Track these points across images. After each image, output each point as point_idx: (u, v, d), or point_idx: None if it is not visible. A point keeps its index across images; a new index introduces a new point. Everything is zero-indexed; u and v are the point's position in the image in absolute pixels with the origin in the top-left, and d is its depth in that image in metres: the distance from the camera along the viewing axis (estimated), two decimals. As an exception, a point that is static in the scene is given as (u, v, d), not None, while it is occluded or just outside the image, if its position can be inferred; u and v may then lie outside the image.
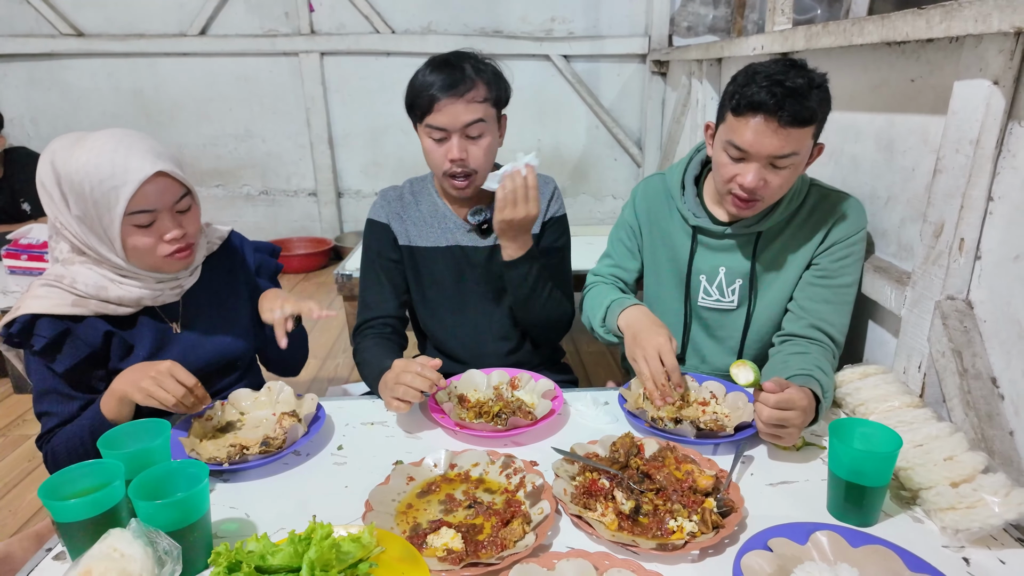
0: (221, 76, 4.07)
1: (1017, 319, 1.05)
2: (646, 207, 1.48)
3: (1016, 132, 1.04)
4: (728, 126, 1.20)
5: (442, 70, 1.31)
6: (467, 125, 1.32)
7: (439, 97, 1.30)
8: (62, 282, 1.16)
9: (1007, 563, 0.85)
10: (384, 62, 4.01)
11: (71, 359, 1.15)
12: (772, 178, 1.19)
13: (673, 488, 0.96)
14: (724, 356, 1.46)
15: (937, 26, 1.09)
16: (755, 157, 1.17)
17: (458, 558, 0.84)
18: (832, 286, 1.32)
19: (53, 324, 1.14)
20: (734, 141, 1.18)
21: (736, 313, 1.42)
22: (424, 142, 1.37)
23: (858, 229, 1.31)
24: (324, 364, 2.97)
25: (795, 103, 1.11)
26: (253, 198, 4.33)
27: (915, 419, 1.04)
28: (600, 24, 3.94)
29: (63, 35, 3.91)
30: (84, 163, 1.08)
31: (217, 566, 0.73)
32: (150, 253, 1.16)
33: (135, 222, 1.12)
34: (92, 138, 1.11)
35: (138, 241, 1.14)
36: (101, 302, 1.18)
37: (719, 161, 1.24)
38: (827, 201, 1.33)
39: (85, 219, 1.12)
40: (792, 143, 1.15)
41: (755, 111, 1.13)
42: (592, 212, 4.30)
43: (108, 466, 0.86)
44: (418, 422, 1.23)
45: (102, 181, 1.08)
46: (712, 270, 1.41)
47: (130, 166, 1.09)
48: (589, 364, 2.96)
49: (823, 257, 1.32)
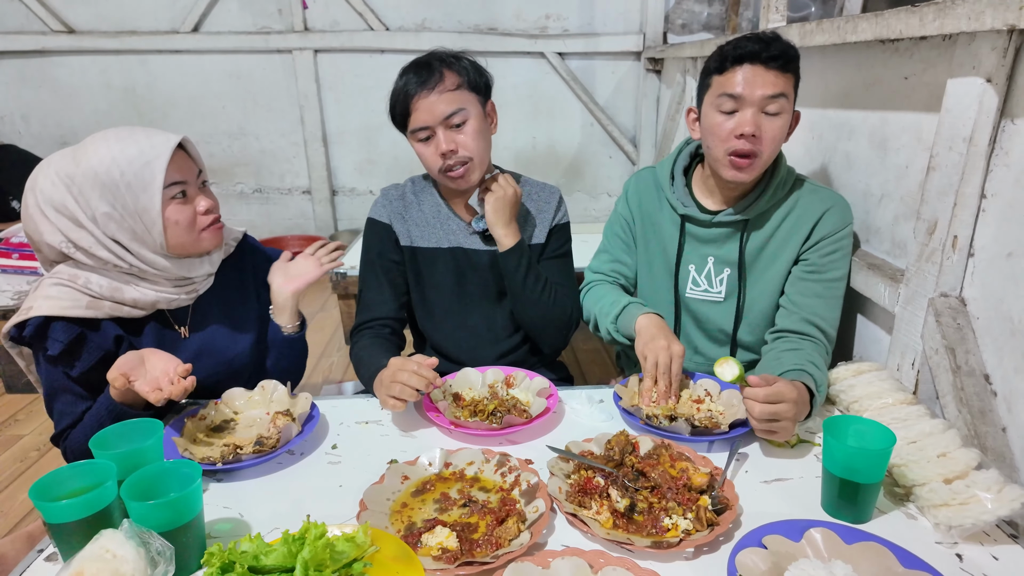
0: (214, 73, 4.04)
1: (1010, 316, 1.05)
2: (638, 200, 1.51)
3: (1009, 130, 1.04)
4: (715, 86, 1.27)
5: (412, 72, 1.33)
6: (447, 116, 1.32)
7: (412, 95, 1.31)
8: (76, 282, 1.14)
9: (1000, 559, 0.85)
10: (378, 59, 4.00)
11: (86, 363, 1.14)
12: (766, 125, 1.24)
13: (668, 486, 0.96)
14: (716, 348, 1.48)
15: (931, 24, 1.09)
16: (748, 102, 1.23)
17: (453, 557, 0.83)
18: (822, 280, 1.34)
19: (68, 328, 1.12)
20: (726, 91, 1.24)
21: (725, 305, 1.44)
22: (415, 148, 1.37)
23: (845, 224, 1.35)
24: (318, 363, 2.96)
25: (776, 45, 1.21)
26: (247, 196, 4.31)
27: (909, 416, 1.05)
28: (595, 21, 3.93)
29: (54, 32, 3.88)
30: (106, 152, 1.09)
31: (210, 566, 0.73)
32: (190, 227, 1.17)
33: (172, 194, 1.14)
34: (99, 136, 1.12)
35: (179, 214, 1.15)
36: (116, 304, 1.17)
37: (712, 124, 1.28)
38: (813, 196, 1.37)
39: (115, 213, 1.11)
40: (780, 84, 1.22)
41: (741, 61, 1.23)
42: (587, 210, 4.29)
43: (100, 466, 0.86)
44: (413, 421, 1.23)
45: (132, 161, 1.09)
46: (701, 260, 1.43)
47: (155, 141, 1.12)
48: (584, 362, 2.97)
49: (812, 252, 1.35)
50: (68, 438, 1.18)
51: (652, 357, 1.22)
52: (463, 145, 1.34)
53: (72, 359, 1.14)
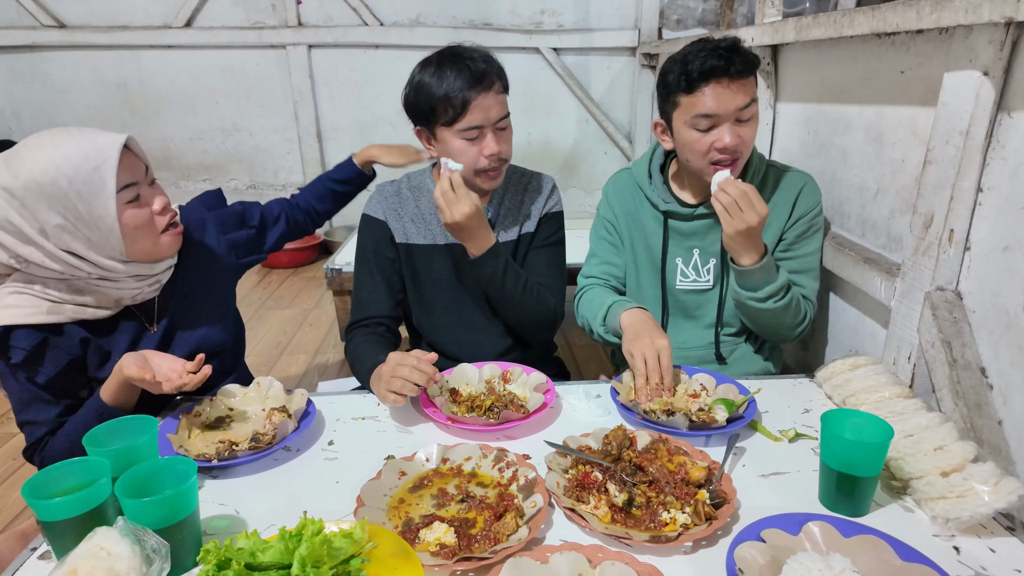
0: (207, 69, 4.02)
1: (1005, 309, 1.05)
2: (618, 200, 1.52)
3: (1006, 123, 1.05)
4: (685, 106, 1.28)
5: (456, 69, 1.28)
6: (499, 119, 1.33)
7: (471, 96, 1.28)
8: (33, 288, 1.10)
9: (997, 551, 0.85)
10: (372, 55, 3.98)
11: (52, 369, 1.11)
12: (744, 132, 1.28)
13: (666, 480, 0.96)
14: (701, 332, 1.50)
15: (927, 17, 1.09)
16: (724, 117, 1.25)
17: (451, 552, 0.83)
18: (798, 256, 1.42)
19: (30, 335, 1.09)
20: (700, 112, 1.26)
21: (712, 292, 1.47)
22: (454, 145, 1.33)
23: (817, 202, 1.42)
24: (314, 359, 2.95)
25: (737, 55, 1.22)
26: (241, 192, 4.29)
27: (905, 409, 1.05)
28: (590, 17, 3.93)
29: (45, 27, 3.85)
30: (47, 160, 1.01)
31: (206, 563, 0.72)
32: (149, 230, 1.13)
33: (126, 198, 1.09)
34: (34, 140, 1.05)
35: (136, 218, 1.10)
36: (78, 307, 1.13)
37: (688, 140, 1.30)
38: (786, 179, 1.42)
39: (67, 224, 1.05)
40: (749, 91, 1.25)
41: (707, 79, 1.23)
42: (583, 206, 4.29)
43: (94, 464, 0.85)
44: (410, 416, 1.22)
45: (78, 168, 1.02)
46: (686, 252, 1.46)
47: (100, 143, 1.05)
48: (581, 359, 2.97)
49: (790, 231, 1.41)
50: (46, 446, 1.15)
51: (639, 355, 1.22)
52: (505, 149, 1.36)
53: (37, 366, 1.10)
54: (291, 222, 1.59)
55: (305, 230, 1.65)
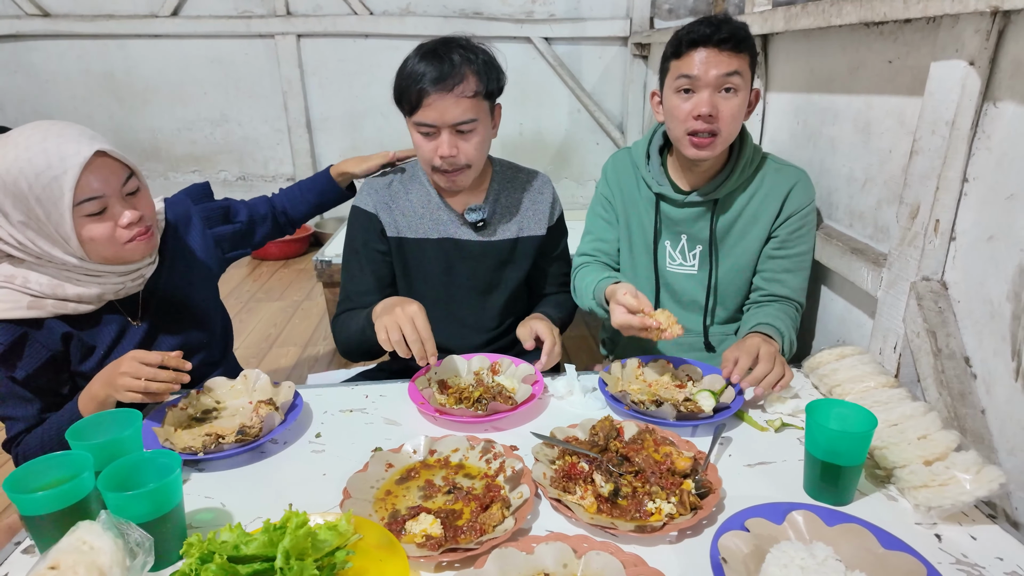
0: (195, 59, 3.97)
1: (990, 299, 1.06)
2: (616, 179, 1.54)
3: (991, 113, 1.05)
4: (673, 70, 1.30)
5: (430, 60, 1.26)
6: (457, 123, 1.28)
7: (427, 92, 1.25)
8: (13, 282, 1.08)
9: (978, 539, 0.86)
10: (362, 44, 3.93)
11: (31, 365, 1.10)
12: (723, 105, 1.27)
13: (652, 470, 0.97)
14: (691, 315, 1.51)
15: (915, 6, 1.08)
16: (703, 82, 1.26)
17: (437, 544, 0.83)
18: (790, 255, 1.42)
19: (8, 329, 1.08)
20: (682, 73, 1.27)
21: (698, 277, 1.48)
22: (413, 136, 1.33)
23: (810, 200, 1.41)
24: (305, 351, 2.94)
25: (726, 27, 1.24)
26: (230, 183, 4.25)
27: (890, 399, 1.06)
28: (581, 6, 3.90)
29: (28, 15, 3.78)
30: (14, 160, 1.00)
31: (189, 557, 0.72)
32: (109, 243, 1.09)
33: (85, 212, 1.05)
34: (15, 134, 1.03)
35: (94, 232, 1.07)
36: (59, 301, 1.11)
37: (672, 106, 1.32)
38: (779, 174, 1.41)
39: (30, 223, 1.04)
40: (735, 63, 1.25)
41: (695, 45, 1.26)
42: (575, 197, 4.28)
43: (76, 458, 0.84)
44: (397, 408, 1.22)
45: (39, 175, 1.00)
46: (675, 236, 1.48)
47: (65, 152, 1.01)
48: (571, 349, 2.97)
49: (781, 229, 1.40)
50: (21, 443, 1.15)
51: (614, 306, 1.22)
52: (464, 152, 1.32)
53: (15, 361, 1.09)
54: (275, 223, 1.58)
55: (285, 231, 1.64)
